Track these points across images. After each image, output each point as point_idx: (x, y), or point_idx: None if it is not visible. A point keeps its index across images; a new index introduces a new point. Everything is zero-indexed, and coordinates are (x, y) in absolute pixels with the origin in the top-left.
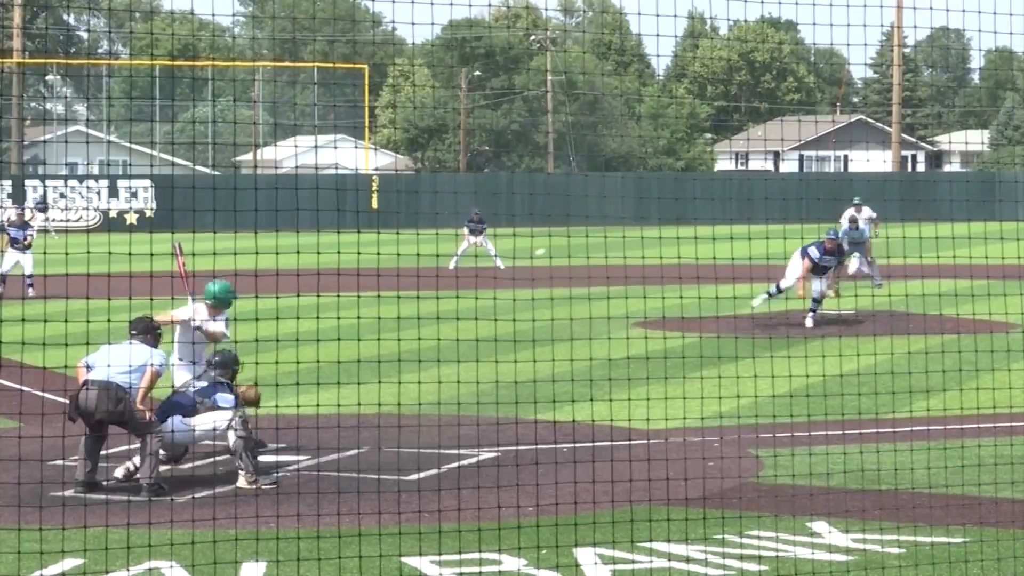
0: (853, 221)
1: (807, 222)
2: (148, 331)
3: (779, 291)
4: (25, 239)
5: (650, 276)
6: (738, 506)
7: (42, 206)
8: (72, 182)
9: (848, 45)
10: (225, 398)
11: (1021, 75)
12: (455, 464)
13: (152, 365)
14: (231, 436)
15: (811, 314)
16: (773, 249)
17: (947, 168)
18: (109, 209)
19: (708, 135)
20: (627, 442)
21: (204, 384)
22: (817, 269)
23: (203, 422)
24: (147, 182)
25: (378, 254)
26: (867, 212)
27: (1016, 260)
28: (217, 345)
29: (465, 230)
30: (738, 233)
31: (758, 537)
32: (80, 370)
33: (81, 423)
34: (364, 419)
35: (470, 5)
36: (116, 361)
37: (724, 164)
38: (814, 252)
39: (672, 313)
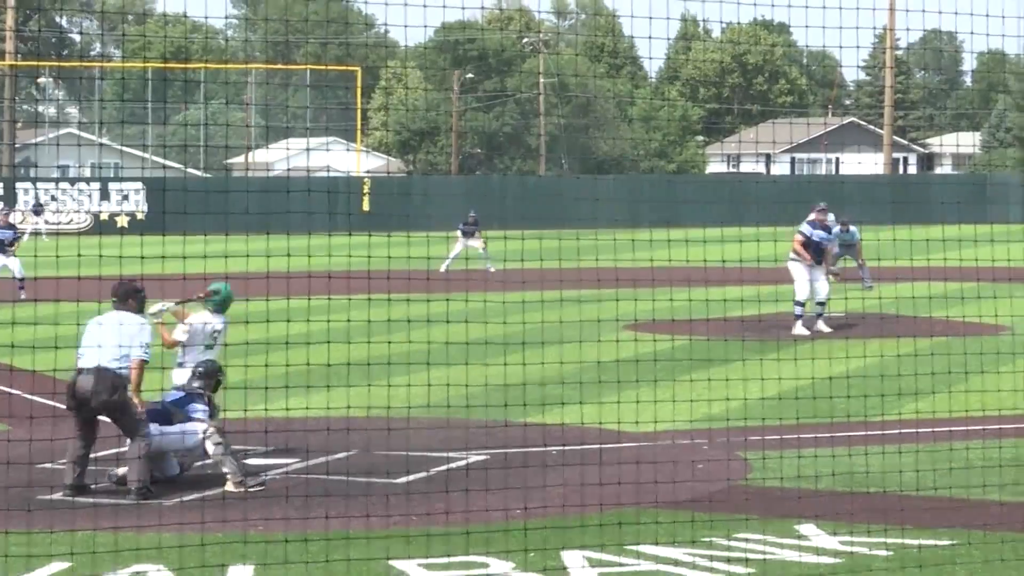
0: (844, 224)
1: (798, 224)
2: (128, 295)
3: (803, 305)
4: (12, 243)
5: (641, 278)
6: (726, 509)
7: (37, 208)
8: (63, 184)
9: (840, 47)
10: (198, 408)
11: (1013, 77)
12: (444, 467)
13: (136, 356)
14: (209, 447)
15: (798, 320)
16: (764, 252)
17: (939, 170)
18: (100, 212)
19: (700, 137)
20: (616, 445)
21: (180, 395)
22: (811, 248)
23: (176, 432)
24: (138, 185)
25: (369, 257)
26: (831, 217)
27: (1006, 263)
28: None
29: (458, 232)
30: (729, 236)
31: (746, 540)
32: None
33: (71, 425)
34: (353, 422)
35: (463, 8)
36: (107, 344)
37: (716, 166)
38: (807, 228)
39: (662, 315)
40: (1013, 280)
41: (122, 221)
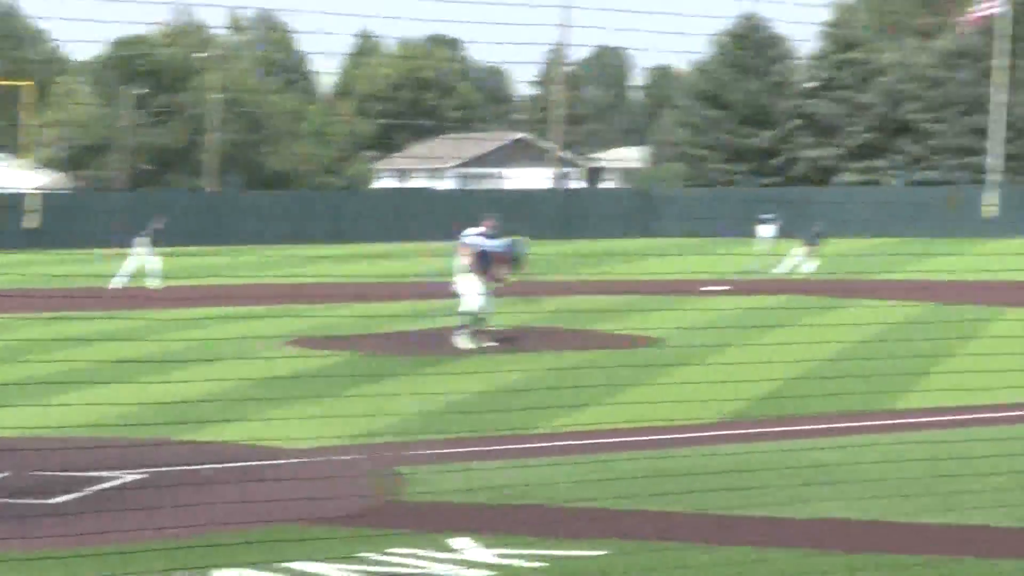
0: (512, 238)
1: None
2: None
3: (470, 317)
4: None
5: (305, 294)
6: (381, 524)
7: None
8: None
9: (512, 63)
10: None
11: (679, 93)
12: (99, 487)
13: None
14: None
15: (462, 329)
16: (431, 267)
17: (605, 185)
18: None
19: (371, 152)
20: (274, 461)
21: None
22: (481, 260)
23: None
24: None
25: (22, 275)
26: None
27: (666, 275)
28: None
29: (142, 239)
30: (395, 251)
31: (399, 555)
32: None
33: None
34: (6, 442)
35: (136, 23)
36: None
37: (386, 181)
38: (477, 240)
39: (325, 331)
40: (670, 292)
41: None
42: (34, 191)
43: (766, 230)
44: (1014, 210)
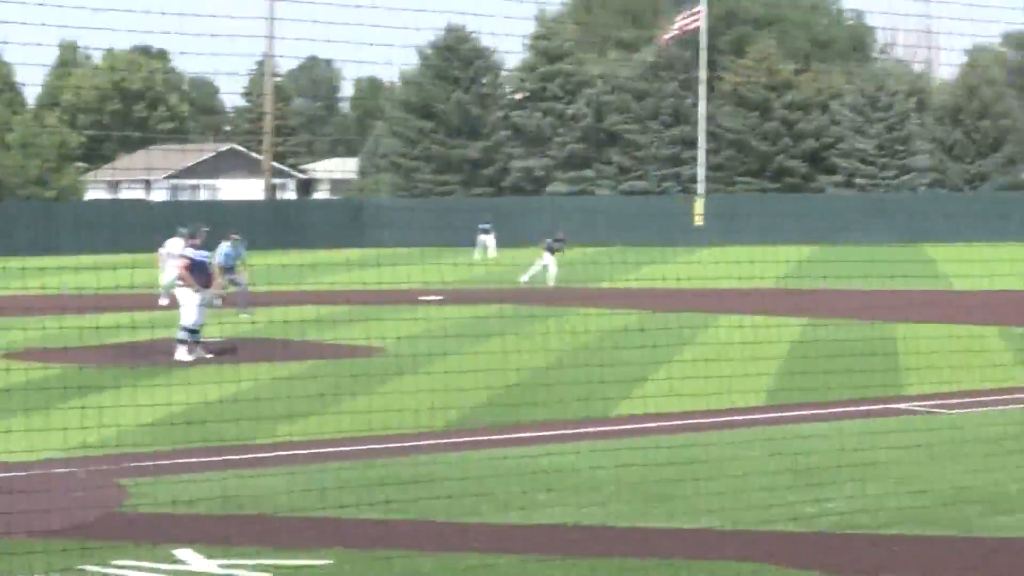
0: (234, 239)
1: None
2: None
3: (189, 330)
4: None
5: (13, 307)
6: (102, 536)
7: None
8: None
9: (220, 74)
10: None
11: (388, 104)
12: None
13: None
14: None
15: (183, 346)
16: (139, 279)
17: (317, 196)
18: None
19: (80, 164)
20: None
21: None
22: (196, 271)
23: None
24: None
25: None
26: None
27: (379, 285)
28: None
29: None
30: (104, 263)
31: (121, 567)
32: None
33: None
34: None
35: None
36: None
37: (96, 193)
38: (189, 251)
39: (36, 343)
40: (386, 302)
41: None
42: None
43: (486, 240)
44: (719, 219)
